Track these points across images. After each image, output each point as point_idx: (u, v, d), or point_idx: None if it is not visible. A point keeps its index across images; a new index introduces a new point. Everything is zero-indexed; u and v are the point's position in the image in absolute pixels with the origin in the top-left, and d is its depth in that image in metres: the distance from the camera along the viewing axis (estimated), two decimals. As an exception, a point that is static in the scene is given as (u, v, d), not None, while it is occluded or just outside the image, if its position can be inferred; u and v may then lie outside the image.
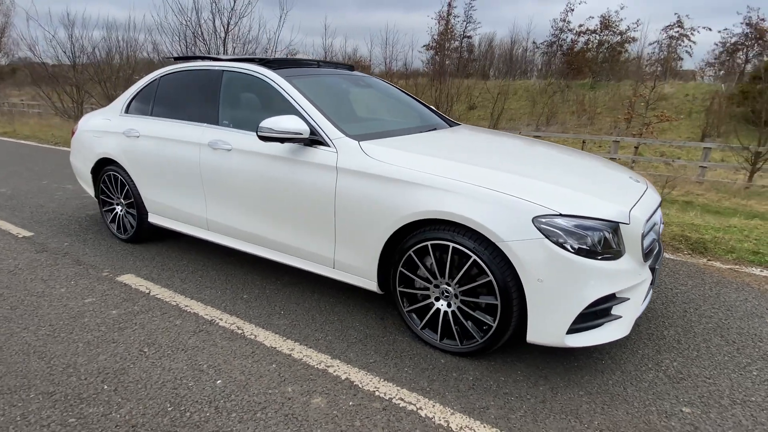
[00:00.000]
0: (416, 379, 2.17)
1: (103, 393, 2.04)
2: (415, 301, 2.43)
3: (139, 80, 3.80)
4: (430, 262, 2.29)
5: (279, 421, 1.88)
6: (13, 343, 2.40)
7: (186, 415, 1.91)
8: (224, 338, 2.48)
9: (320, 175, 2.57)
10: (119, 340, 2.45)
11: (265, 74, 2.96)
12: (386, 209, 2.33)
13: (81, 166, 4.08)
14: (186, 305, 2.84)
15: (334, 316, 2.73)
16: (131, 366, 2.23)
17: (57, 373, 2.16)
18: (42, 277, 3.20)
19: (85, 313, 2.72)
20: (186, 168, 3.19)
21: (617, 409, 1.99)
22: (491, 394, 2.07)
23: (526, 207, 2.03)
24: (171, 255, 3.63)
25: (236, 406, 1.97)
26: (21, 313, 2.71)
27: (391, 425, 1.87)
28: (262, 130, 2.59)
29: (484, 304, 2.19)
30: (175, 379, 2.14)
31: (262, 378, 2.15)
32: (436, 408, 1.97)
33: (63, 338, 2.45)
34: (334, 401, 2.01)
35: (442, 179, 2.20)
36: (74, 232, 4.15)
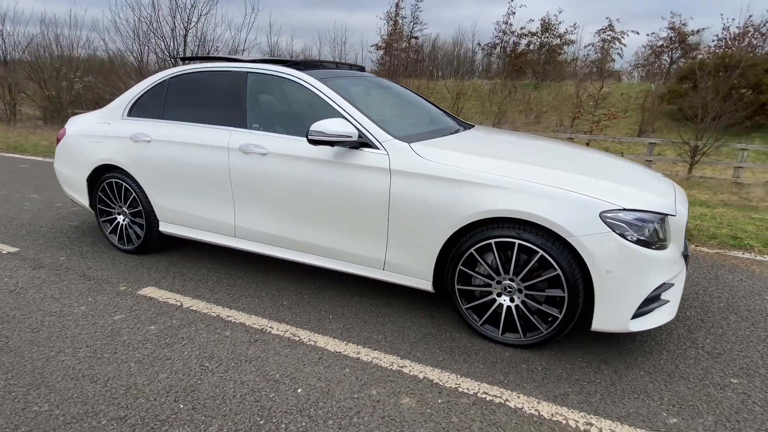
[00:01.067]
0: (491, 372, 2.24)
1: (182, 413, 1.94)
2: (473, 298, 2.50)
3: (140, 82, 3.59)
4: (492, 259, 2.37)
5: (378, 424, 1.89)
6: (53, 368, 2.21)
7: (282, 427, 1.86)
8: (284, 346, 2.43)
9: (372, 178, 2.57)
10: (173, 356, 2.33)
11: (298, 76, 2.91)
12: (447, 209, 2.38)
13: (72, 175, 3.78)
14: (228, 316, 2.73)
15: (384, 318, 2.75)
16: (199, 382, 2.13)
17: (120, 396, 2.03)
18: (52, 295, 2.95)
19: (122, 331, 2.55)
20: (211, 173, 3.06)
21: (678, 385, 2.18)
22: (564, 382, 2.18)
23: (593, 203, 2.16)
24: (186, 264, 3.47)
25: (328, 413, 1.95)
26: (47, 335, 2.50)
27: (487, 418, 1.93)
28: (313, 134, 2.55)
29: (548, 297, 2.31)
30: (253, 391, 2.07)
31: (341, 383, 2.14)
32: (522, 398, 2.06)
33: (109, 359, 2.29)
34: (423, 400, 2.04)
35: (508, 179, 2.28)
36: (65, 245, 3.84)
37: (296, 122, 2.94)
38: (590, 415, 1.96)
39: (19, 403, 1.98)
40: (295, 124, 2.93)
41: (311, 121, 2.84)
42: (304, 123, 2.90)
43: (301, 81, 2.89)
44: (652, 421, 1.93)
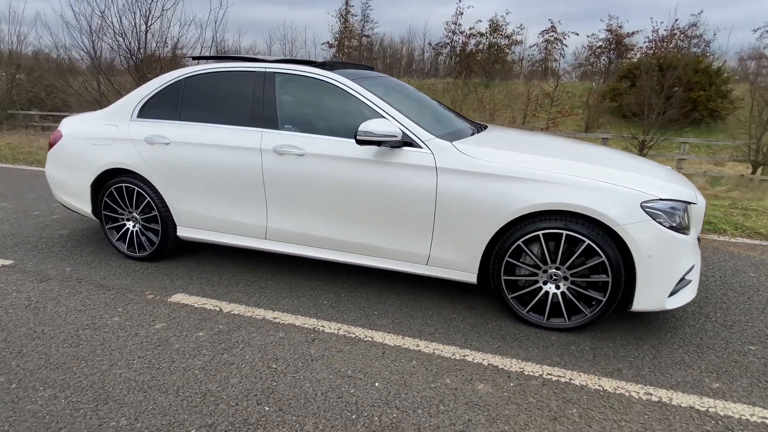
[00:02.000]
0: (546, 355, 2.40)
1: (270, 415, 1.94)
2: (517, 288, 2.65)
3: (149, 83, 3.44)
4: (538, 249, 2.53)
5: (465, 409, 1.98)
6: (113, 382, 2.12)
7: (375, 420, 1.92)
8: (343, 344, 2.46)
9: (417, 176, 2.65)
10: (236, 360, 2.30)
11: (331, 77, 2.93)
12: (497, 204, 2.51)
13: (72, 180, 3.56)
14: (273, 317, 2.72)
15: (427, 311, 2.84)
16: (274, 384, 2.13)
17: (198, 404, 1.99)
18: (76, 308, 2.79)
19: (170, 340, 2.47)
20: (241, 175, 3.01)
21: (708, 354, 2.44)
22: (614, 359, 2.38)
23: (635, 194, 2.37)
24: (206, 269, 3.38)
25: (414, 403, 2.02)
26: (89, 348, 2.38)
27: (560, 396, 2.08)
28: (361, 134, 2.59)
29: (591, 283, 2.50)
30: (332, 388, 2.10)
31: (414, 375, 2.21)
32: (583, 376, 2.23)
33: (168, 368, 2.23)
34: (497, 385, 2.16)
35: (555, 174, 2.45)
36: (64, 255, 3.62)
37: (332, 123, 2.95)
38: (647, 386, 2.16)
39: (91, 420, 1.90)
40: (331, 124, 2.95)
41: (347, 121, 2.90)
42: (341, 123, 2.95)
43: (335, 82, 2.92)
44: (699, 387, 2.16)
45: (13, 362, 2.26)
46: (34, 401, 1.99)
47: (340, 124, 2.96)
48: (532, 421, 1.93)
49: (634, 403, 2.05)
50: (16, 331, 2.53)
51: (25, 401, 1.99)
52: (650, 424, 1.92)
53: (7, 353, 2.33)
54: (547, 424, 1.91)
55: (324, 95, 3.02)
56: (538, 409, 1.99)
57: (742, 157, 11.53)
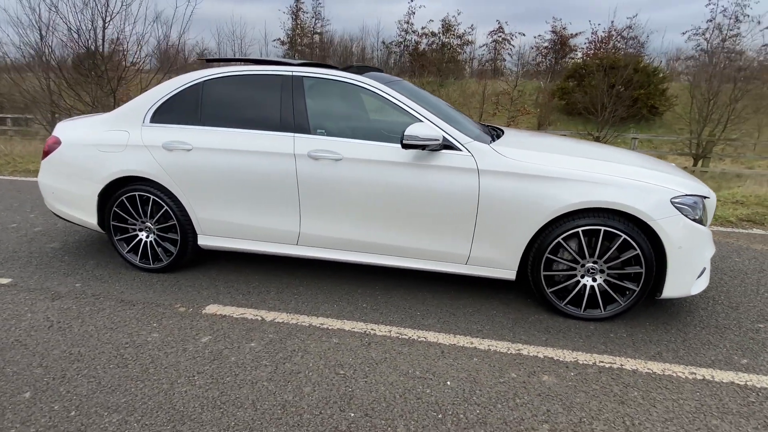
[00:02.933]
0: (592, 344, 2.56)
1: (359, 420, 1.95)
2: (554, 283, 2.80)
3: (159, 86, 3.28)
4: (576, 245, 2.69)
5: (541, 400, 2.09)
6: (182, 401, 2.04)
7: (461, 417, 1.98)
8: (400, 345, 2.50)
9: (459, 178, 2.73)
10: (301, 369, 2.27)
11: (364, 82, 2.94)
12: (539, 204, 2.64)
13: (75, 190, 3.33)
14: (320, 323, 2.70)
15: (467, 308, 2.93)
16: (350, 389, 2.13)
17: (281, 416, 1.96)
18: (106, 326, 2.64)
19: (223, 353, 2.40)
20: (273, 181, 2.96)
21: (728, 334, 2.70)
22: (650, 343, 2.58)
23: (665, 191, 2.58)
24: (229, 277, 3.29)
25: (491, 398, 2.10)
26: (140, 368, 2.27)
27: (618, 381, 2.24)
28: (407, 138, 2.63)
29: (626, 274, 2.69)
30: (407, 390, 2.14)
31: (481, 371, 2.29)
32: (631, 361, 2.40)
33: (234, 382, 2.17)
34: (559, 375, 2.28)
35: (594, 174, 2.61)
36: (66, 270, 3.38)
37: (366, 127, 2.96)
38: (688, 366, 2.37)
39: (174, 440, 1.83)
40: (365, 129, 2.96)
41: (383, 125, 2.93)
42: (375, 128, 2.97)
43: (368, 86, 2.93)
44: (731, 364, 2.40)
45: (61, 388, 2.11)
46: (103, 428, 1.89)
47: (374, 129, 2.98)
48: (603, 406, 2.06)
49: (683, 382, 2.25)
50: (49, 355, 2.36)
51: (93, 429, 1.88)
52: (704, 400, 2.12)
53: (49, 378, 2.17)
54: (617, 408, 2.05)
55: (356, 99, 3.03)
56: (604, 395, 2.14)
57: (684, 151, 12.57)
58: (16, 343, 2.45)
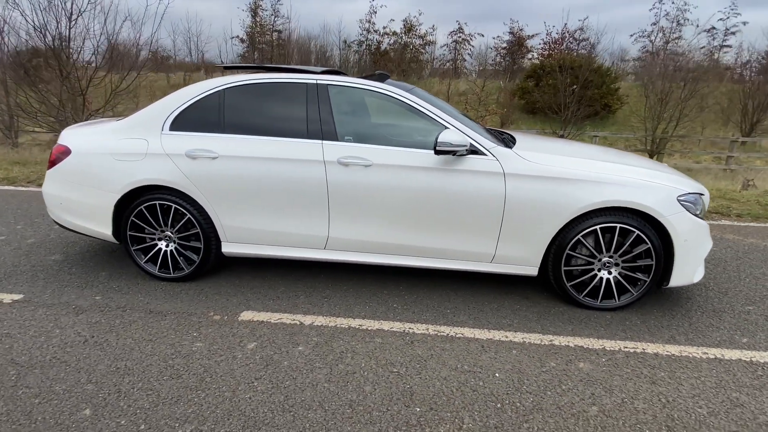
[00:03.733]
0: (613, 331, 2.79)
1: (425, 414, 2.06)
2: (572, 277, 3.02)
3: (177, 93, 3.24)
4: (594, 241, 2.91)
5: (584, 385, 2.28)
6: (250, 408, 2.08)
7: (518, 405, 2.13)
8: (441, 341, 2.63)
9: (487, 181, 2.89)
10: (356, 369, 2.36)
11: (389, 90, 3.04)
12: (561, 204, 2.84)
13: (88, 200, 3.23)
14: (359, 325, 2.79)
15: (491, 304, 3.10)
16: (408, 386, 2.24)
17: (351, 414, 2.05)
18: (144, 338, 2.61)
19: (273, 358, 2.45)
20: (303, 187, 3.00)
21: (724, 316, 3.01)
22: (662, 328, 2.84)
23: (672, 190, 2.85)
24: (253, 283, 3.30)
25: (540, 387, 2.27)
26: (196, 379, 2.28)
27: (645, 364, 2.47)
28: (440, 145, 2.77)
29: (638, 266, 2.94)
30: (461, 383, 2.28)
31: (523, 363, 2.46)
32: (651, 345, 2.65)
33: (294, 386, 2.23)
34: (593, 362, 2.48)
35: (611, 176, 2.84)
36: (80, 282, 3.28)
37: (392, 134, 3.07)
38: (701, 347, 2.64)
39: (255, 445, 1.88)
40: (391, 135, 3.06)
41: (408, 132, 3.06)
42: (402, 134, 3.09)
43: (393, 94, 3.03)
44: (734, 343, 2.69)
45: (121, 403, 2.10)
46: (179, 438, 1.91)
47: (401, 135, 3.09)
48: (639, 387, 2.28)
49: (700, 362, 2.51)
50: (94, 371, 2.32)
51: (169, 439, 1.90)
52: (721, 377, 2.38)
53: (104, 394, 2.15)
54: (650, 388, 2.28)
55: (377, 106, 3.13)
56: (636, 377, 2.36)
57: (638, 147, 13.41)
58: (55, 361, 2.39)
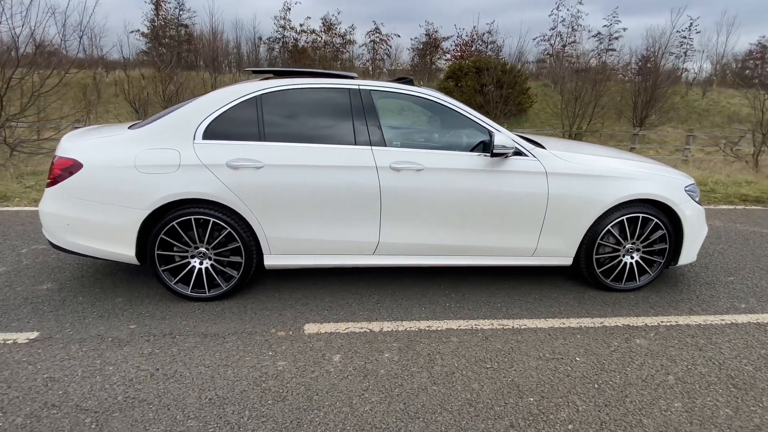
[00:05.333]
0: (644, 309, 3.15)
1: (540, 402, 2.20)
2: (600, 264, 3.34)
3: (205, 99, 3.01)
4: (619, 230, 3.26)
5: (653, 360, 2.57)
6: (376, 418, 2.06)
7: (611, 382, 2.35)
8: (510, 334, 2.79)
9: (531, 180, 3.09)
10: (451, 370, 2.42)
11: (432, 95, 3.12)
12: (595, 198, 3.14)
13: (108, 219, 2.88)
14: (427, 326, 2.85)
15: (532, 295, 3.32)
16: (509, 378, 2.36)
17: (475, 411, 2.12)
18: (219, 364, 2.43)
19: (367, 368, 2.42)
20: (355, 194, 2.97)
21: (717, 287, 3.53)
22: (681, 303, 3.27)
23: (680, 182, 3.28)
24: (297, 295, 3.19)
25: (619, 364, 2.51)
26: (304, 398, 2.19)
27: (685, 334, 2.84)
28: (497, 148, 2.93)
29: (655, 250, 3.34)
30: (552, 369, 2.45)
31: (591, 345, 2.70)
32: (679, 318, 3.04)
33: (404, 393, 2.24)
34: (645, 337, 2.80)
35: (635, 171, 3.20)
36: (98, 312, 2.93)
37: (437, 137, 3.15)
38: (717, 315, 3.09)
39: None
40: (436, 138, 3.14)
41: (453, 135, 3.18)
42: (446, 137, 3.19)
43: (436, 99, 3.12)
44: (737, 309, 3.19)
45: (238, 434, 1.96)
46: (325, 460, 1.84)
47: (445, 138, 3.18)
48: (692, 355, 2.63)
49: (722, 327, 2.95)
50: (186, 406, 2.12)
51: (316, 463, 1.83)
52: (746, 339, 2.82)
53: (216, 428, 1.99)
54: (701, 354, 2.64)
55: (420, 111, 3.19)
56: (686, 346, 2.71)
57: (556, 142, 14.78)
58: (132, 401, 2.15)
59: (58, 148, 3.02)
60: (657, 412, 2.16)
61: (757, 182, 7.62)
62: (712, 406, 2.21)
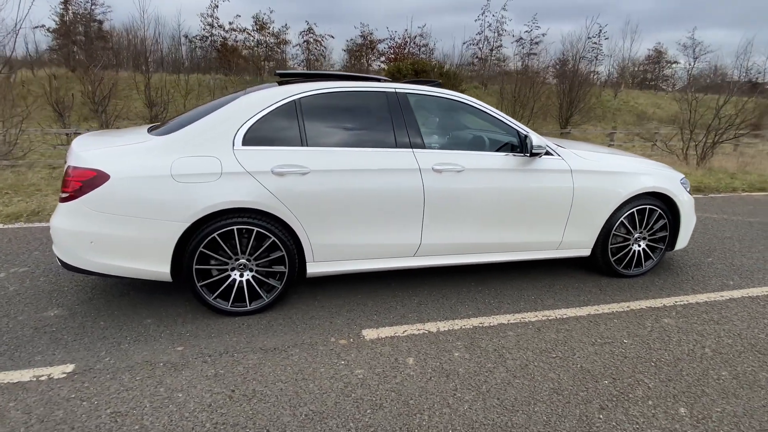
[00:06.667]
0: (656, 292, 3.47)
1: (616, 384, 2.36)
2: (614, 253, 3.63)
3: (241, 103, 2.85)
4: (629, 222, 3.56)
5: (685, 336, 2.85)
6: (485, 417, 2.11)
7: (663, 360, 2.58)
8: (558, 324, 2.95)
9: (559, 178, 3.29)
10: (524, 363, 2.52)
11: (465, 98, 3.21)
12: (613, 192, 3.41)
13: (141, 234, 2.63)
14: (480, 323, 2.93)
15: (556, 286, 3.52)
16: (577, 365, 2.51)
17: (585, 397, 2.24)
18: (295, 378, 2.33)
19: (445, 368, 2.45)
20: (399, 197, 2.97)
21: (703, 268, 3.97)
22: (684, 283, 3.64)
23: (675, 176, 3.66)
24: (337, 302, 3.13)
25: (661, 343, 2.76)
26: (402, 404, 2.17)
27: (700, 311, 3.17)
28: (536, 148, 3.09)
29: (657, 238, 3.69)
30: (609, 354, 2.63)
31: (627, 327, 2.93)
32: (688, 297, 3.39)
33: (493, 388, 2.31)
34: (670, 316, 3.09)
35: (644, 167, 3.50)
36: (132, 337, 2.68)
37: (469, 138, 3.23)
38: (716, 292, 3.48)
39: None
40: (471, 140, 3.23)
41: (486, 136, 3.30)
42: (480, 138, 3.30)
43: (470, 102, 3.22)
44: (729, 286, 3.61)
45: (353, 447, 1.91)
46: (453, 461, 1.86)
47: (478, 139, 3.28)
48: (715, 329, 2.95)
49: (725, 303, 3.33)
50: (284, 425, 2.03)
51: (446, 466, 1.83)
52: (748, 311, 3.21)
53: None
54: (722, 328, 2.97)
55: (453, 113, 3.26)
56: (706, 323, 3.04)
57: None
58: (224, 427, 2.00)
59: (72, 157, 2.71)
60: (712, 381, 2.42)
61: (690, 173, 8.60)
62: (750, 371, 2.52)
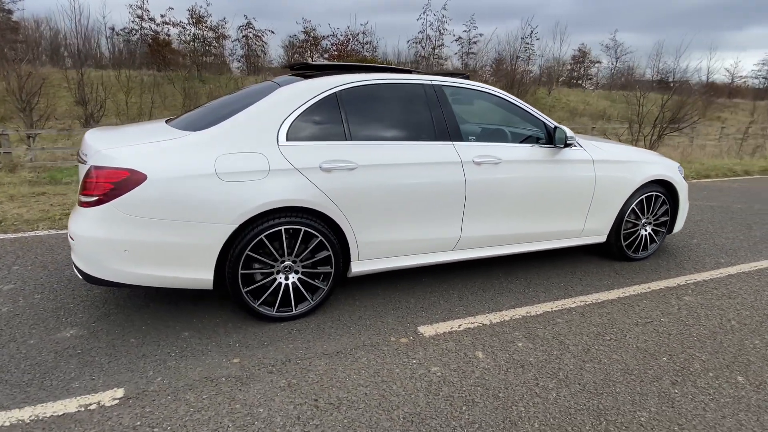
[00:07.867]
0: (666, 272, 3.72)
1: (674, 361, 2.49)
2: (626, 238, 3.83)
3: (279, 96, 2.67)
4: (639, 208, 3.78)
5: (708, 311, 3.07)
6: (581, 403, 2.14)
7: (702, 333, 2.76)
8: (597, 308, 3.07)
9: (584, 168, 3.42)
10: (598, 348, 2.59)
11: (496, 91, 3.23)
12: (628, 180, 3.60)
13: (188, 239, 2.39)
14: (527, 312, 2.97)
15: (577, 273, 3.66)
16: (634, 346, 2.62)
17: (660, 374, 2.33)
18: (370, 382, 2.23)
19: (516, 359, 2.46)
20: (444, 190, 2.94)
21: (694, 249, 4.31)
22: (686, 263, 3.93)
23: (673, 163, 3.93)
24: (378, 301, 3.04)
25: (692, 320, 2.95)
26: (491, 397, 2.15)
27: (708, 287, 3.44)
28: (570, 140, 3.18)
29: (659, 223, 3.95)
30: (657, 333, 2.77)
31: (658, 308, 3.11)
32: (695, 276, 3.67)
33: (576, 374, 2.35)
34: (689, 294, 3.32)
35: (652, 157, 3.72)
36: (177, 353, 2.44)
37: (505, 130, 3.26)
38: (717, 270, 3.79)
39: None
40: (505, 132, 3.26)
41: (518, 128, 3.39)
42: (513, 130, 3.36)
43: (502, 95, 3.25)
44: (722, 263, 3.95)
45: (466, 445, 1.87)
46: (567, 449, 1.87)
47: (512, 131, 3.33)
48: (729, 303, 3.21)
49: (728, 279, 3.64)
50: (386, 430, 1.93)
51: (562, 454, 1.84)
52: (749, 286, 3.52)
53: (437, 445, 1.86)
54: (734, 301, 3.23)
55: (485, 106, 3.28)
56: (719, 298, 3.29)
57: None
58: (322, 438, 1.87)
59: (95, 156, 2.40)
60: (751, 350, 2.63)
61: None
62: (777, 339, 2.77)
